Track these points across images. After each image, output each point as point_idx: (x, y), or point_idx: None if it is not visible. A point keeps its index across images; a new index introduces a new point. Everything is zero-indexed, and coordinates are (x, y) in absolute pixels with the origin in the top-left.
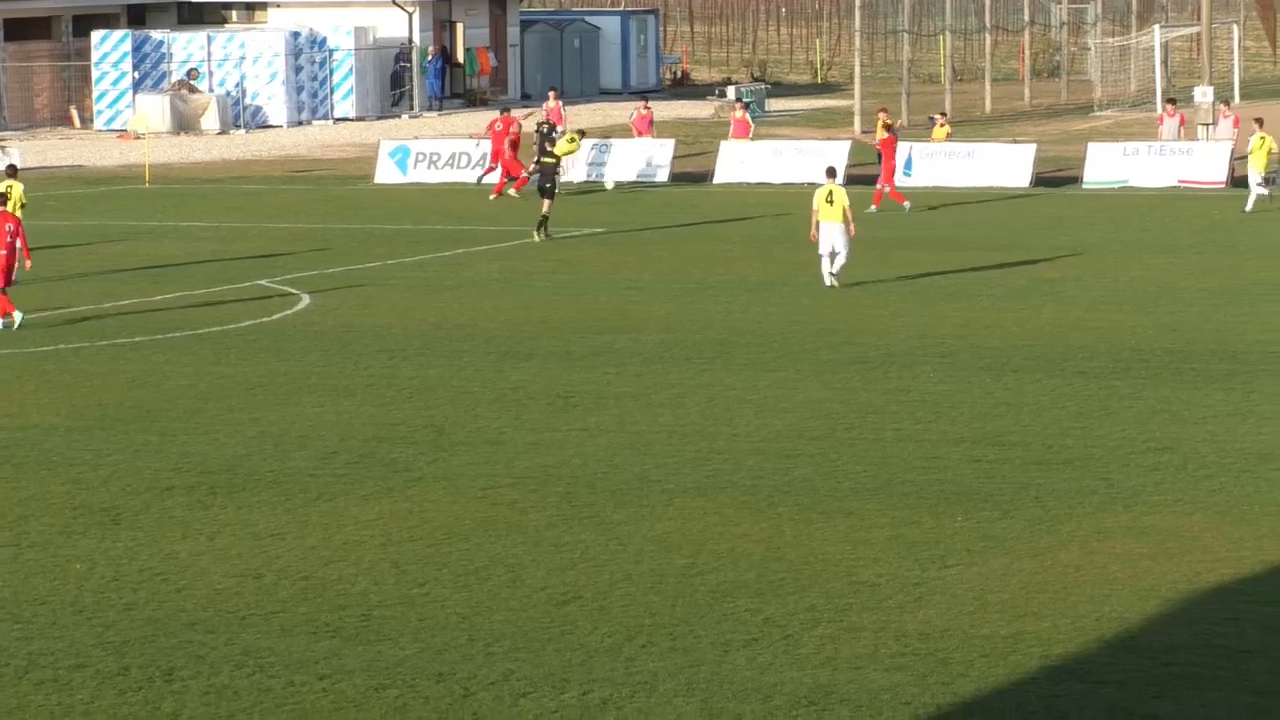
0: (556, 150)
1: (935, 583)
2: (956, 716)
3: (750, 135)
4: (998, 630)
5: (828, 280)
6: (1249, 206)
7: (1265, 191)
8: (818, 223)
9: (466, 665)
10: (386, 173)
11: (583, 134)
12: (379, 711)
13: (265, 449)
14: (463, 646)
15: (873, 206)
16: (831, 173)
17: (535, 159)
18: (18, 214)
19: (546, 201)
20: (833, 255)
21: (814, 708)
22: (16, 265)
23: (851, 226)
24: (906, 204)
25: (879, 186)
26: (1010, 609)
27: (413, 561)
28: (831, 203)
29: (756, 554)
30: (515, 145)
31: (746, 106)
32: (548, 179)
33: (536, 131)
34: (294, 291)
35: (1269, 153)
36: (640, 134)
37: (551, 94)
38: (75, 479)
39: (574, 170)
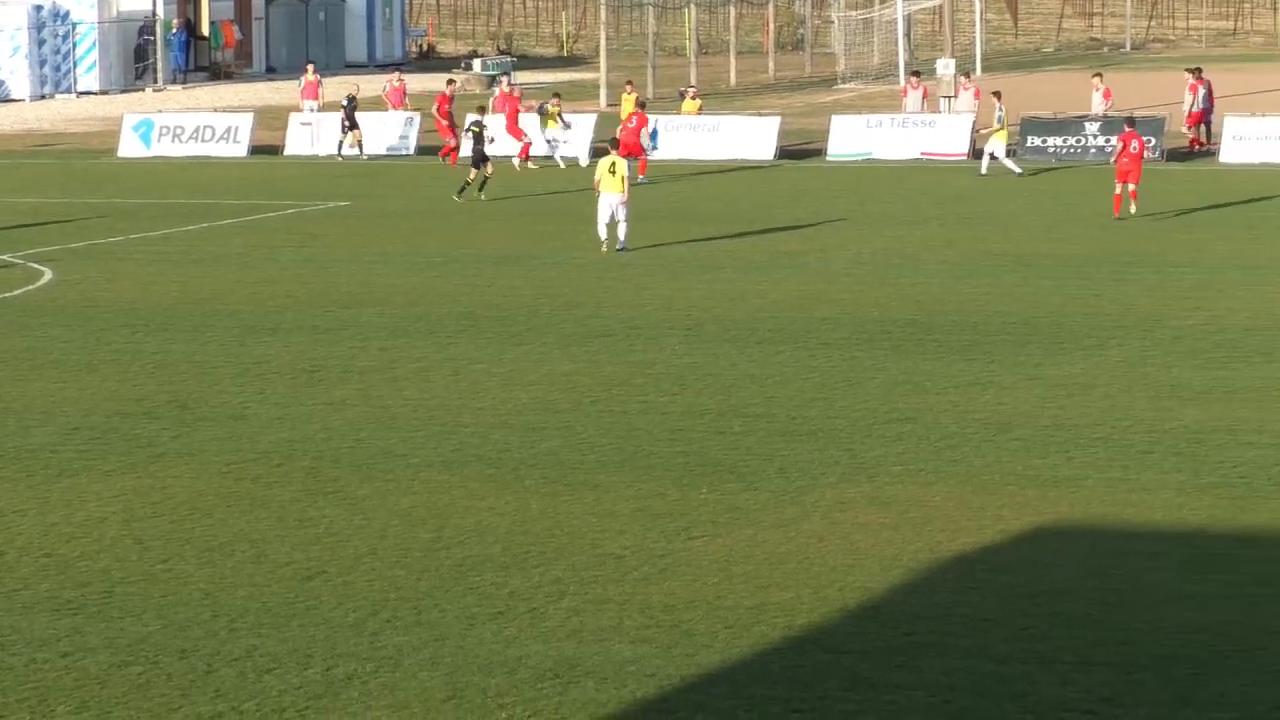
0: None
1: (680, 554)
2: (700, 688)
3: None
4: (742, 601)
5: (604, 247)
6: (984, 170)
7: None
8: (599, 192)
9: (210, 641)
10: (130, 146)
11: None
12: (122, 688)
13: (7, 425)
14: (206, 623)
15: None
16: (615, 144)
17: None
18: None
19: (477, 170)
20: (613, 224)
21: (559, 680)
22: None
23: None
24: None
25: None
26: (754, 580)
27: (155, 538)
28: (614, 173)
29: (502, 527)
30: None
31: (494, 80)
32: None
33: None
34: (37, 266)
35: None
36: (394, 107)
37: (310, 68)
38: None
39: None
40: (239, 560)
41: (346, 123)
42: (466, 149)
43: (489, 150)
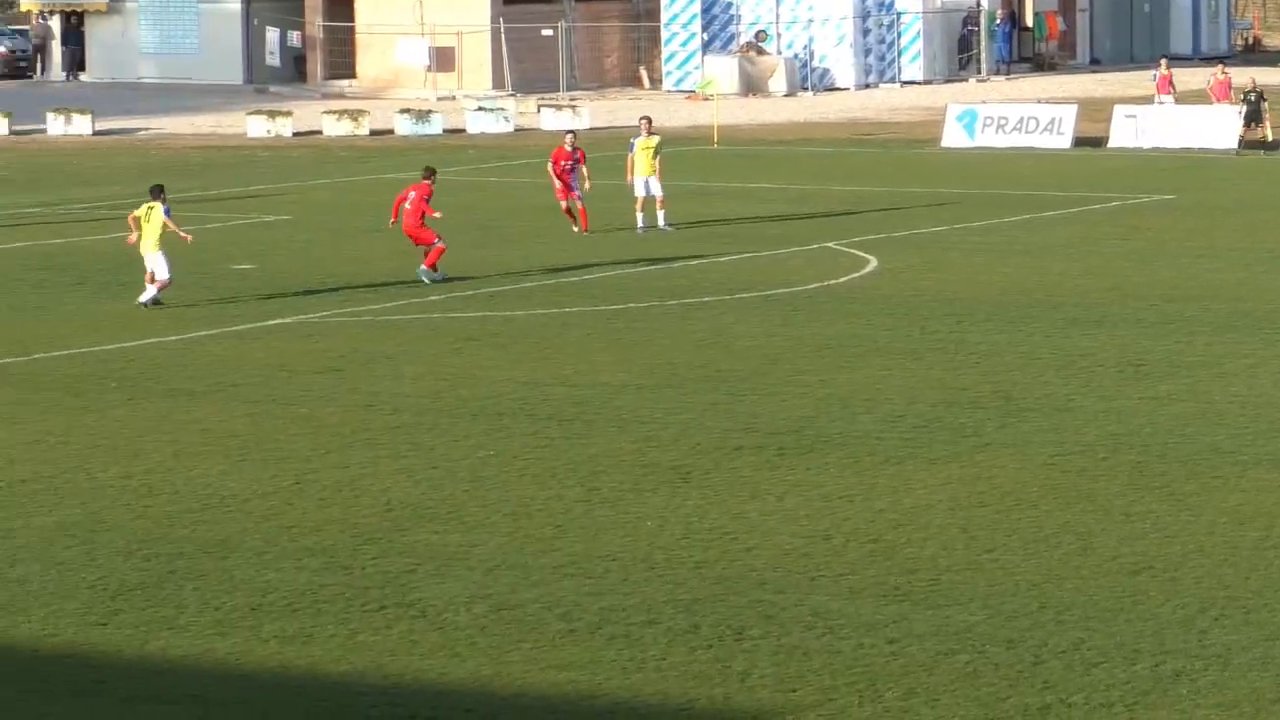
0: None
1: None
2: None
3: None
4: None
5: None
6: None
7: None
8: None
9: (1036, 633)
10: (954, 136)
11: None
12: (948, 676)
13: (832, 411)
14: (1033, 614)
15: None
16: None
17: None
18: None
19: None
20: None
21: None
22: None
23: None
24: None
25: None
26: None
27: (981, 527)
28: None
29: None
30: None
31: None
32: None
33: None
34: (861, 254)
35: None
36: (1217, 100)
37: (1163, 62)
38: (645, 436)
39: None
40: (1065, 552)
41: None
42: None
43: None
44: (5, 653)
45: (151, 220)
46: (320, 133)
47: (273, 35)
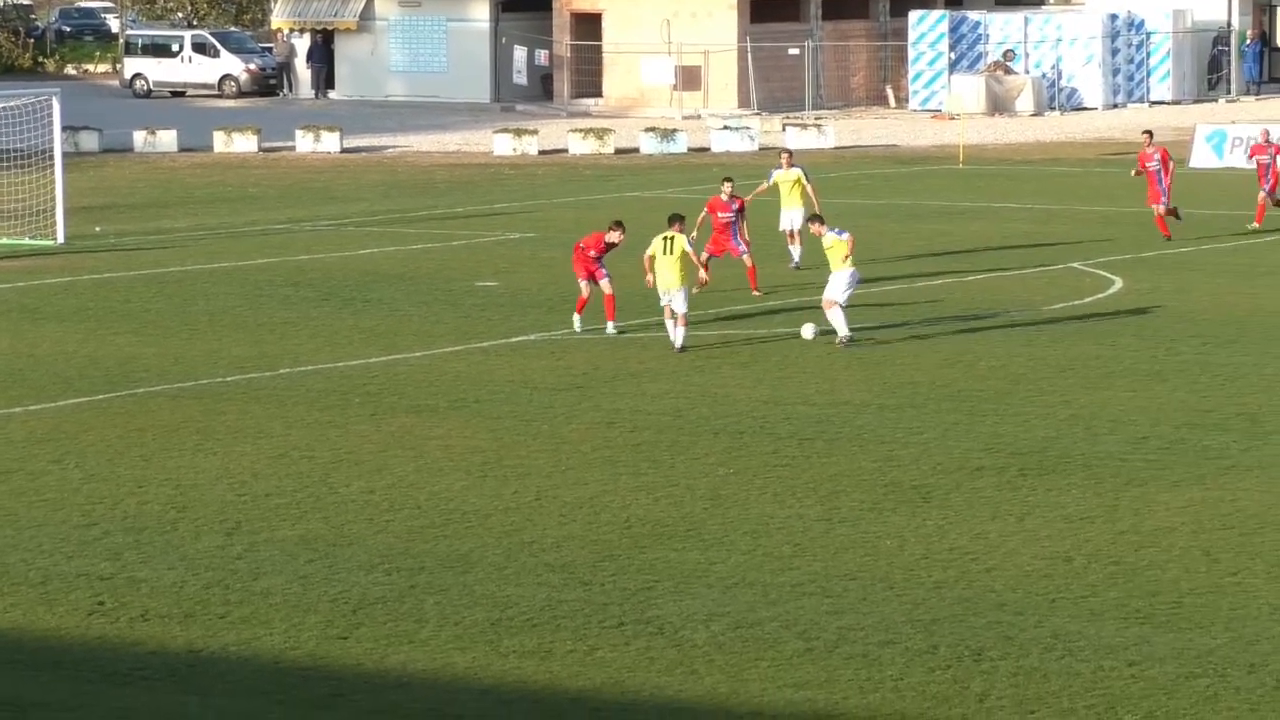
0: None
1: None
2: None
3: None
4: None
5: None
6: None
7: None
8: None
9: (1278, 657)
10: (1202, 157)
11: None
12: (1188, 700)
13: (1075, 432)
14: (1276, 638)
15: None
16: None
17: None
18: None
19: None
20: None
21: None
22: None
23: None
24: None
25: None
26: None
27: (1225, 550)
28: None
29: None
30: None
31: None
32: None
33: None
34: (1106, 275)
35: None
36: None
37: None
38: (886, 456)
39: None
40: None
41: None
42: None
43: None
44: (249, 664)
45: (673, 251)
46: (566, 151)
47: (520, 54)
